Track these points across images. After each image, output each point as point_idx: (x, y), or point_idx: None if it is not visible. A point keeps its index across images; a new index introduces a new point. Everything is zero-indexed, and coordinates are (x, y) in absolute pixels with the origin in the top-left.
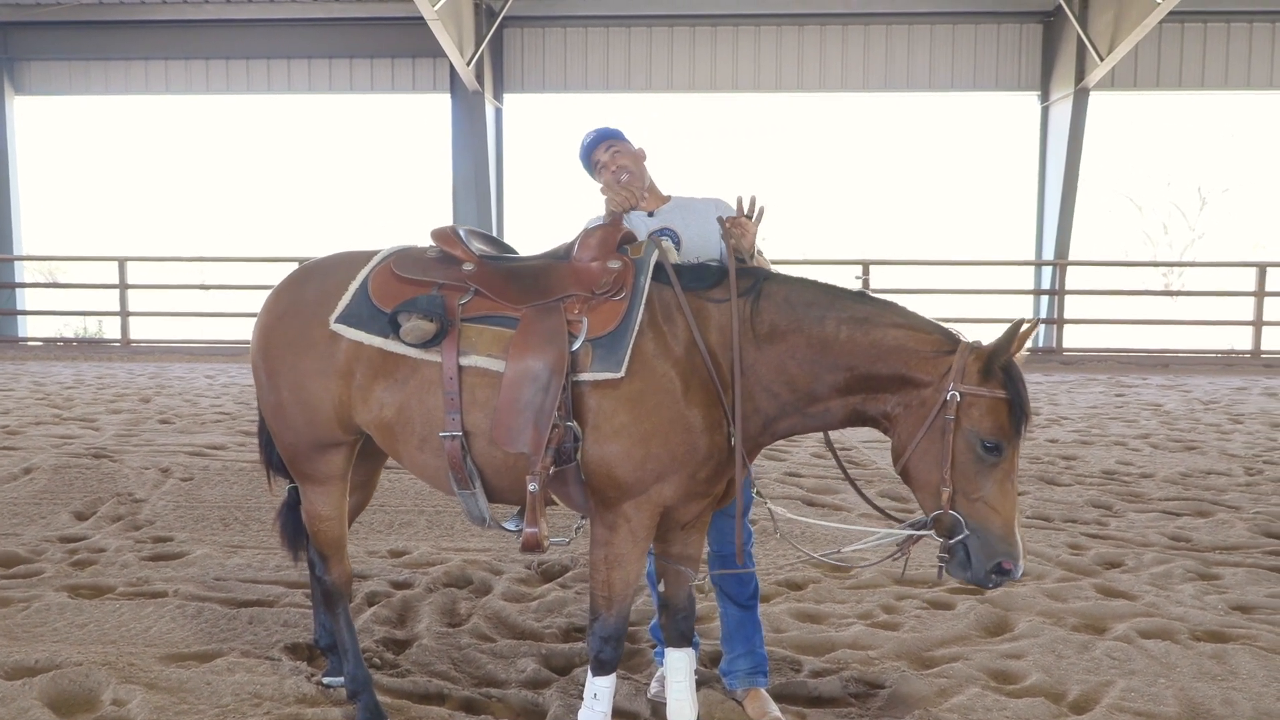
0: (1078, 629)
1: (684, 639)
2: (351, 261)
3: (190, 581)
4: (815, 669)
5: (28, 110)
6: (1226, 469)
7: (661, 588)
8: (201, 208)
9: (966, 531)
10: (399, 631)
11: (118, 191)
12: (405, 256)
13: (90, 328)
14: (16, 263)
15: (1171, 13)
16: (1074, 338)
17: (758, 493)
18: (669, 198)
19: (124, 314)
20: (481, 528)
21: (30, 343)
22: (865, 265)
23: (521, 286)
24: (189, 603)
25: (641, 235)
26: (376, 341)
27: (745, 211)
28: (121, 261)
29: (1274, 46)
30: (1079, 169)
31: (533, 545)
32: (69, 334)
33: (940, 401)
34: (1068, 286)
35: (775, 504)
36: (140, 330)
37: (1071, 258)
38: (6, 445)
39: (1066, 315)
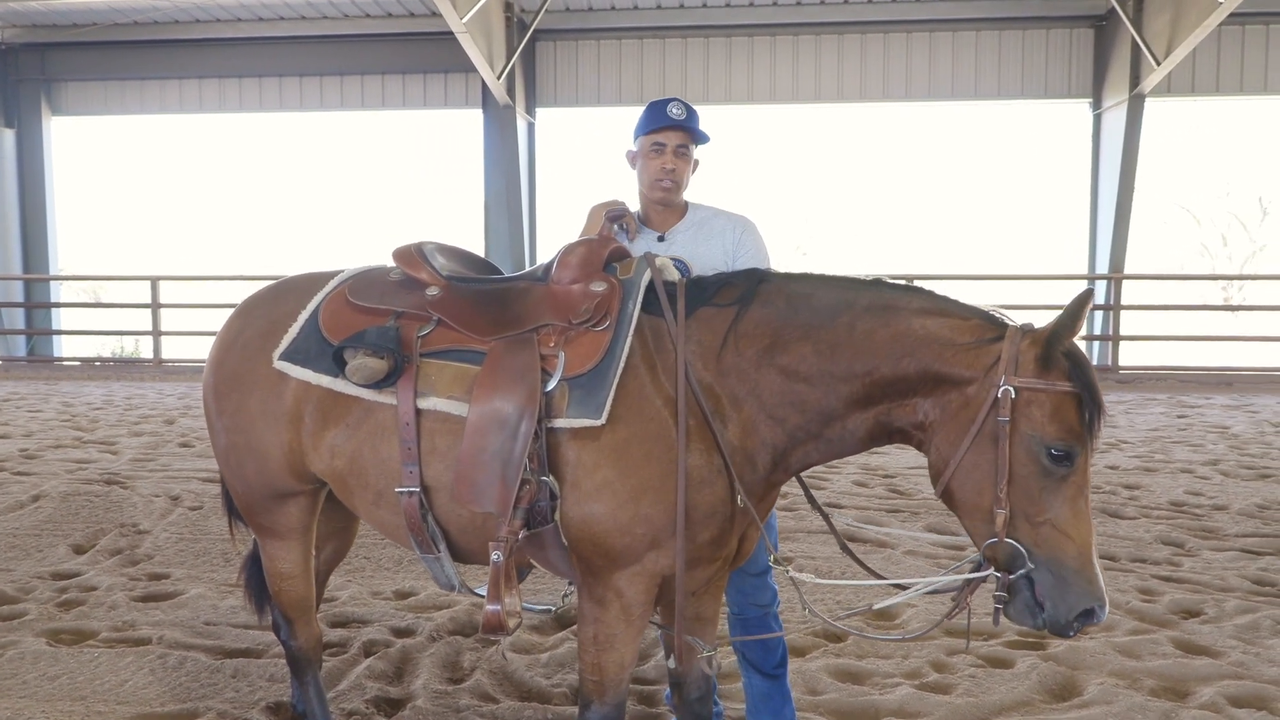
0: (1156, 693)
1: None
2: (308, 286)
3: (178, 626)
4: None
5: (64, 130)
6: None
7: (671, 663)
8: (234, 226)
9: (1030, 565)
10: (393, 689)
11: (152, 210)
12: (364, 281)
13: (127, 347)
14: (52, 282)
15: (1231, 15)
16: (1131, 355)
17: (774, 560)
18: (686, 207)
19: (156, 333)
20: (452, 593)
21: (67, 362)
22: (909, 280)
23: (491, 315)
24: (172, 652)
25: None
26: (324, 381)
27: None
28: (154, 280)
29: None
30: (1134, 179)
31: (494, 626)
32: (106, 354)
33: (989, 401)
34: (1123, 301)
35: (808, 546)
36: (174, 350)
37: (1127, 271)
38: (22, 470)
39: (1122, 331)
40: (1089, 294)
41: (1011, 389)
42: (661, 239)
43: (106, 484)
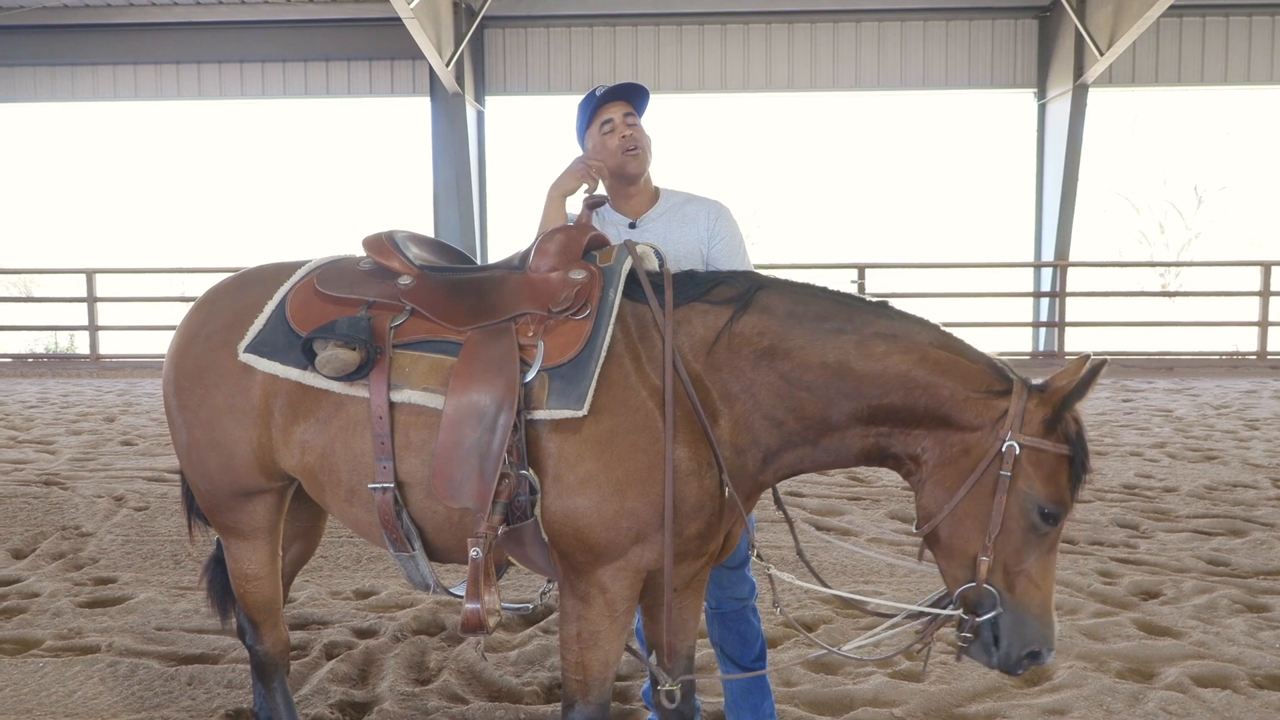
0: (1124, 675)
1: None
2: (273, 276)
3: (128, 633)
4: None
5: None
6: (1252, 480)
7: (654, 660)
8: (176, 217)
9: (999, 609)
10: (358, 692)
11: (88, 201)
12: (333, 270)
13: (62, 343)
14: None
15: (1171, 7)
16: (1075, 340)
17: (758, 555)
18: (658, 192)
19: (93, 328)
20: (426, 593)
21: None
22: (860, 269)
23: (467, 304)
24: (123, 659)
25: None
26: (293, 374)
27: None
28: (90, 274)
29: (1274, 41)
30: (1079, 167)
31: (474, 625)
32: (40, 350)
33: (993, 453)
34: (1068, 288)
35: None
36: (112, 345)
37: (1071, 259)
38: None
39: (1068, 318)
40: (1102, 363)
41: (1017, 445)
42: (633, 225)
43: (45, 485)
